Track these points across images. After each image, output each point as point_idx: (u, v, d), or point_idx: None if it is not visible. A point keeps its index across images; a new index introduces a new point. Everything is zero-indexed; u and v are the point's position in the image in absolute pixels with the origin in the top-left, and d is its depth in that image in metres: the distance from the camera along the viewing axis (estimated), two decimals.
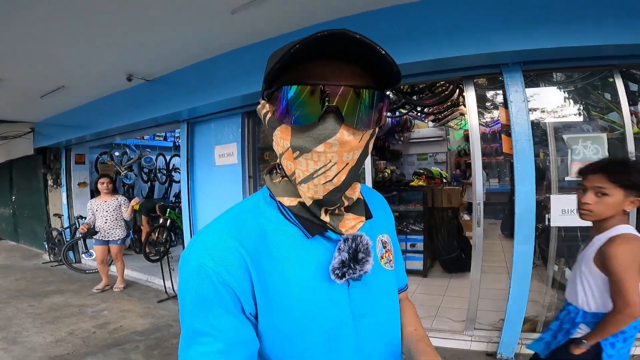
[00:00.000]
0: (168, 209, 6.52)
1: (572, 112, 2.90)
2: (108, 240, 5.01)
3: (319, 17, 2.98)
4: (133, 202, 5.15)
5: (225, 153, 4.32)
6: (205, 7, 2.79)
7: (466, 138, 9.04)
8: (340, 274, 0.62)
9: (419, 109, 5.23)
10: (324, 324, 0.64)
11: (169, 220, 6.36)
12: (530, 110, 2.76)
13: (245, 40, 3.46)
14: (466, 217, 6.21)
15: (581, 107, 2.87)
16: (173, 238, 6.76)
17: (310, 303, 0.63)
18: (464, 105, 6.03)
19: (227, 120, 4.27)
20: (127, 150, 7.85)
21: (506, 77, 2.71)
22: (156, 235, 6.33)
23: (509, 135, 2.81)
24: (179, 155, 8.29)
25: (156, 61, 3.92)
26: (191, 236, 4.58)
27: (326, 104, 0.55)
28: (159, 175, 8.43)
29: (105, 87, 4.73)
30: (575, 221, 2.65)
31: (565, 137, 2.72)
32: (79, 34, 3.11)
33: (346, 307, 0.66)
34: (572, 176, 2.70)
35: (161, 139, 8.69)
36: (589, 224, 2.64)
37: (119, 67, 4.03)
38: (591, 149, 2.65)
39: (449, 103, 5.14)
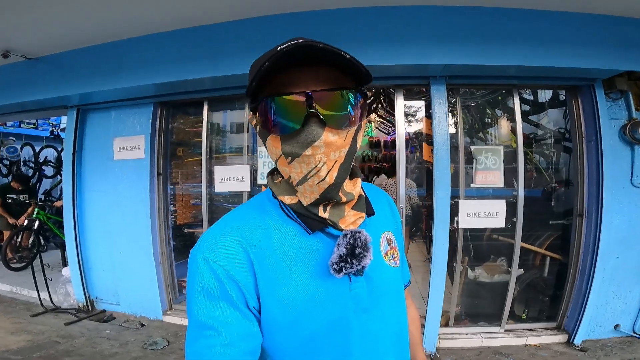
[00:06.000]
0: (36, 209, 5.38)
1: (478, 126, 3.32)
2: None
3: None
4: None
5: (128, 146, 3.75)
6: None
7: (370, 144, 9.68)
8: (337, 269, 0.63)
9: None
10: (325, 317, 0.65)
11: (37, 222, 5.26)
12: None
13: (169, 25, 3.08)
14: None
15: (484, 122, 3.30)
16: (42, 242, 5.63)
17: (311, 296, 0.64)
18: (375, 113, 6.47)
19: (134, 109, 3.72)
20: None
21: (433, 89, 2.95)
22: (19, 239, 5.18)
23: (429, 143, 3.07)
24: (52, 147, 7.02)
25: (46, 39, 3.25)
26: (75, 238, 4.01)
27: (307, 110, 0.57)
28: (23, 168, 6.93)
29: None
30: (478, 223, 3.10)
31: (472, 148, 3.10)
32: None
33: (347, 301, 0.66)
34: (476, 184, 3.09)
35: (31, 126, 7.16)
36: (490, 225, 3.09)
37: None
38: (491, 159, 3.07)
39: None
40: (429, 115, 3.09)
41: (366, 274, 0.68)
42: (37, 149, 6.95)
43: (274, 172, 0.74)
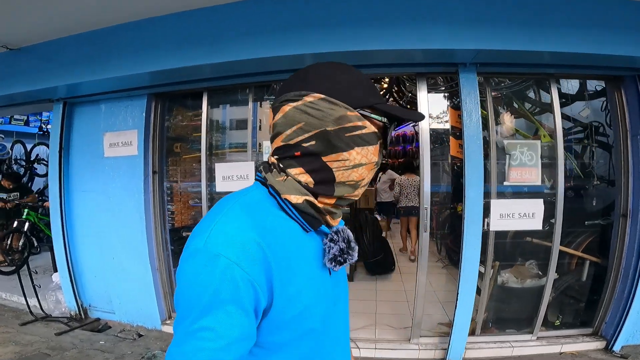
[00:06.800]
0: (26, 210, 5.00)
1: (510, 118, 2.96)
2: None
3: None
4: None
5: (119, 142, 3.36)
6: None
7: None
8: (342, 260, 0.68)
9: None
10: (320, 310, 0.67)
11: (27, 223, 4.88)
12: None
13: (163, 8, 2.68)
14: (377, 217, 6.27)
15: (516, 114, 2.95)
16: (35, 244, 5.26)
17: (314, 291, 0.66)
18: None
19: (126, 102, 3.32)
20: None
21: (462, 77, 2.59)
22: (9, 241, 4.80)
23: (456, 137, 2.71)
24: (44, 144, 6.61)
25: (28, 27, 2.86)
26: (64, 240, 3.60)
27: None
28: (14, 167, 6.52)
29: None
30: (513, 225, 2.75)
31: (505, 142, 2.73)
32: None
33: (331, 295, 0.71)
34: (509, 181, 2.73)
35: (20, 123, 6.74)
36: (525, 227, 2.75)
37: None
38: (527, 154, 2.71)
39: None
40: (454, 106, 2.72)
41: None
42: (29, 146, 6.55)
43: (271, 169, 0.71)
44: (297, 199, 0.66)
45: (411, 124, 8.17)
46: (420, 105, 2.77)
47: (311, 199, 0.67)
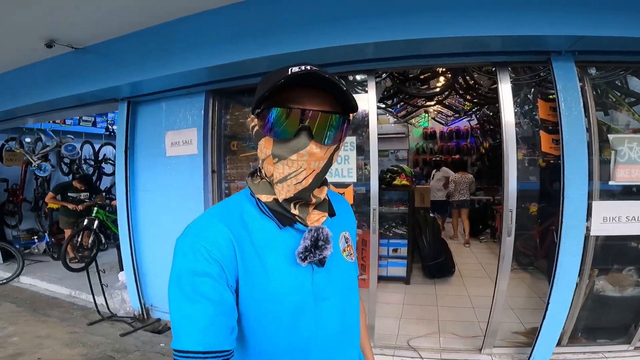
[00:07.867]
0: (95, 208, 5.14)
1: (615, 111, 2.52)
2: None
3: None
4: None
5: (180, 141, 3.27)
6: None
7: (424, 136, 8.88)
8: (303, 257, 0.70)
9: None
10: (290, 302, 0.70)
11: (96, 221, 5.01)
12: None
13: (214, 1, 2.53)
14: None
15: (616, 105, 2.49)
16: (103, 241, 5.41)
17: (280, 283, 0.69)
18: (441, 103, 5.72)
19: (186, 99, 3.22)
20: (42, 136, 6.15)
21: (556, 67, 2.22)
22: (80, 238, 4.96)
23: (548, 132, 2.31)
24: (111, 144, 6.87)
25: (90, 25, 2.81)
26: (130, 240, 3.57)
27: (300, 123, 0.66)
28: (84, 166, 6.82)
29: (15, 55, 3.36)
30: (619, 230, 2.30)
31: (610, 137, 2.29)
32: None
33: (309, 289, 0.72)
34: (616, 180, 2.28)
35: (88, 124, 7.01)
36: (634, 232, 2.30)
37: (36, 30, 2.84)
38: (636, 150, 2.25)
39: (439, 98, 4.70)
40: (545, 98, 2.33)
41: (327, 266, 0.74)
42: (97, 146, 6.81)
43: (254, 174, 0.79)
44: (267, 197, 0.73)
45: (464, 119, 7.58)
46: (504, 99, 2.39)
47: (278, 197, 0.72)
